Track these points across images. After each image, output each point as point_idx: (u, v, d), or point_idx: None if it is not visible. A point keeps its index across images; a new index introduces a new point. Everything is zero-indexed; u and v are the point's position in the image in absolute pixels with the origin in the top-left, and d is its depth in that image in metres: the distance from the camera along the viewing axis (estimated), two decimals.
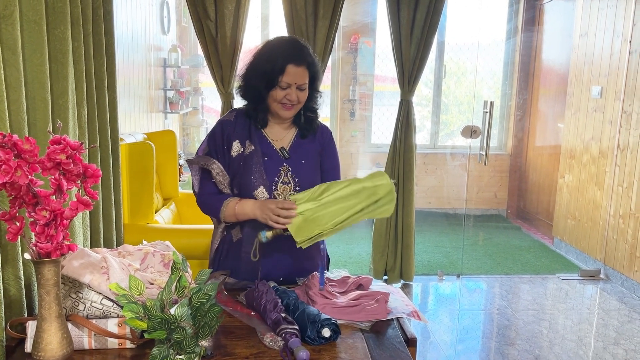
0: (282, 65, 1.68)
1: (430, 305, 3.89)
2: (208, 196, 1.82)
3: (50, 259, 1.13)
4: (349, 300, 1.58)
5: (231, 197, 1.77)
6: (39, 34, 1.57)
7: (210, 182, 1.81)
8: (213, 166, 1.78)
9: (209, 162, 1.78)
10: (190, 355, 1.20)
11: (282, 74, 1.68)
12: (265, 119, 1.81)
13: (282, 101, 1.72)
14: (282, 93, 1.71)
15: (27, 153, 1.08)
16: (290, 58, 1.69)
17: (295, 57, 1.69)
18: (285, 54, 1.69)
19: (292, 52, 1.70)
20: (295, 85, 1.71)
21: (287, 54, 1.69)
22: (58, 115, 1.73)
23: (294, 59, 1.69)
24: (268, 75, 1.70)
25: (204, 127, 5.94)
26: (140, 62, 4.34)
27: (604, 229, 4.42)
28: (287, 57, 1.69)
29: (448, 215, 6.20)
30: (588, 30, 4.68)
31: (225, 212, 1.76)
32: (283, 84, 1.70)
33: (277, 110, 1.76)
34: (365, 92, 5.96)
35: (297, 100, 1.73)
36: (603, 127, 4.46)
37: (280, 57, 1.69)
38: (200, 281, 1.27)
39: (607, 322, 3.57)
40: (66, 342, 1.18)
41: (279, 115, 1.77)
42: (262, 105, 1.78)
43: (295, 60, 1.69)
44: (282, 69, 1.68)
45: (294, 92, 1.71)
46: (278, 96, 1.72)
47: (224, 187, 1.80)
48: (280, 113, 1.76)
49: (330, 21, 3.47)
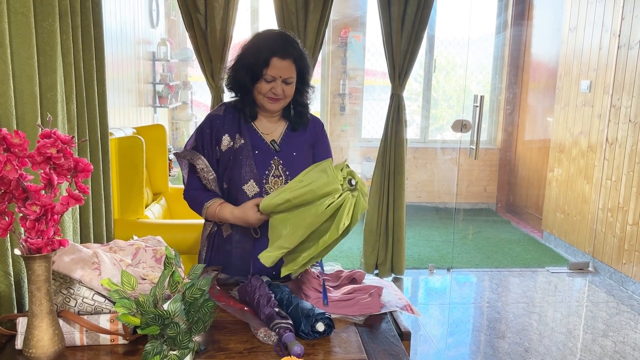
0: (267, 58, 1.67)
1: (420, 299, 3.91)
2: (194, 192, 1.82)
3: (41, 255, 1.12)
4: (342, 295, 1.58)
5: (215, 198, 1.77)
6: (26, 26, 1.55)
7: (196, 176, 1.80)
8: (198, 161, 1.77)
9: (195, 157, 1.77)
10: (184, 350, 1.19)
11: (266, 67, 1.67)
12: (254, 111, 1.80)
13: (267, 95, 1.71)
14: (268, 86, 1.70)
15: (16, 147, 1.06)
16: (276, 51, 1.67)
17: (280, 51, 1.67)
18: (270, 47, 1.68)
19: (278, 46, 1.68)
20: (281, 79, 1.69)
21: (273, 47, 1.68)
22: (47, 109, 1.71)
23: (279, 52, 1.67)
24: (253, 67, 1.69)
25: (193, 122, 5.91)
26: (129, 55, 4.30)
27: (592, 223, 4.46)
28: (273, 50, 1.67)
29: (438, 209, 6.22)
30: (577, 24, 4.70)
31: (207, 213, 1.77)
32: (268, 77, 1.68)
33: (262, 104, 1.74)
34: (355, 86, 5.95)
35: (283, 94, 1.72)
36: (592, 121, 4.49)
37: (266, 50, 1.68)
38: (194, 276, 1.25)
39: (595, 314, 3.60)
40: (57, 339, 1.17)
41: (265, 108, 1.76)
42: (248, 97, 1.76)
43: (280, 54, 1.67)
44: (267, 62, 1.67)
45: (279, 85, 1.69)
46: (263, 89, 1.71)
47: (208, 183, 1.78)
48: (266, 106, 1.74)
49: (320, 15, 3.45)
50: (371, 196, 3.96)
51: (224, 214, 1.72)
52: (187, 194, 1.84)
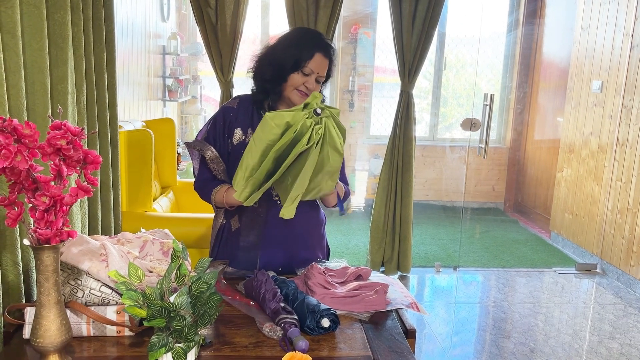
0: (313, 51, 1.71)
1: (426, 297, 3.90)
2: (203, 182, 1.82)
3: (50, 245, 1.12)
4: (348, 291, 1.58)
5: (223, 184, 1.76)
6: (38, 17, 1.55)
7: (207, 167, 1.80)
8: (208, 152, 1.77)
9: (205, 148, 1.78)
10: (190, 343, 1.19)
11: (310, 59, 1.71)
12: (276, 104, 1.80)
13: (299, 87, 1.73)
14: (302, 79, 1.72)
15: (27, 138, 1.07)
16: (321, 47, 1.73)
17: (324, 48, 1.74)
18: (316, 42, 1.74)
19: (323, 43, 1.75)
20: (316, 75, 1.73)
21: (318, 43, 1.74)
22: (57, 100, 1.72)
23: (323, 49, 1.73)
24: (296, 57, 1.71)
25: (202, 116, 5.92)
26: (140, 49, 4.31)
27: (601, 224, 4.43)
28: (319, 46, 1.73)
29: (446, 208, 6.21)
30: (590, 24, 4.66)
31: (216, 197, 1.76)
32: (307, 69, 1.71)
33: (291, 96, 1.75)
34: (364, 83, 5.94)
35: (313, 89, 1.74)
36: (603, 122, 4.46)
37: (312, 43, 1.73)
38: (200, 270, 1.26)
39: (602, 316, 3.58)
40: (65, 329, 1.18)
41: (292, 101, 1.76)
42: (277, 87, 1.76)
43: (324, 50, 1.73)
44: (312, 55, 1.71)
45: (312, 81, 1.73)
46: (297, 81, 1.72)
47: (218, 174, 1.79)
48: (294, 99, 1.75)
49: (331, 11, 3.45)
50: (379, 193, 3.96)
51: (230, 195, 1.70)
52: (197, 184, 1.84)
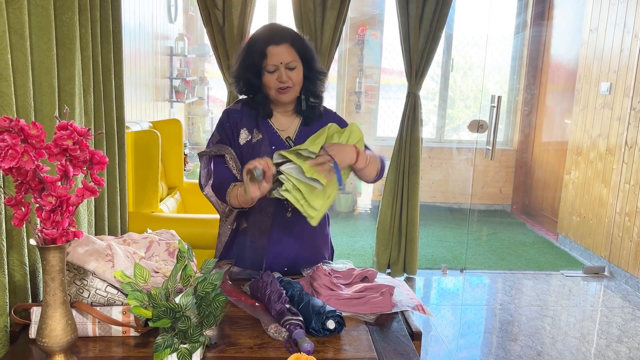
0: (262, 48, 1.67)
1: (433, 300, 3.89)
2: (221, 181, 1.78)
3: (56, 245, 1.13)
4: (353, 293, 1.57)
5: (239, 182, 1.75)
6: (46, 18, 1.56)
7: (221, 166, 1.79)
8: (227, 151, 1.77)
9: (223, 148, 1.77)
10: (195, 344, 1.19)
11: (264, 57, 1.67)
12: (268, 109, 1.79)
13: (276, 87, 1.70)
14: (273, 77, 1.69)
15: (34, 138, 1.07)
16: (269, 40, 1.68)
17: (273, 38, 1.68)
18: (263, 38, 1.69)
19: (270, 34, 1.70)
20: (283, 65, 1.68)
21: (265, 37, 1.69)
22: (64, 101, 1.72)
23: (272, 40, 1.68)
24: (253, 64, 1.69)
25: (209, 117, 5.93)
26: (147, 50, 4.32)
27: (609, 227, 4.40)
28: (266, 40, 1.68)
29: (452, 210, 6.19)
30: (598, 25, 4.64)
31: (231, 192, 1.70)
32: (269, 67, 1.68)
33: (275, 97, 1.74)
34: (371, 84, 5.93)
35: (291, 81, 1.70)
36: (611, 124, 4.43)
37: (259, 42, 1.69)
38: (206, 270, 1.26)
39: (610, 319, 3.56)
40: (70, 329, 1.18)
41: (279, 101, 1.75)
42: (259, 96, 1.76)
43: (273, 41, 1.67)
44: (264, 53, 1.67)
45: (283, 72, 1.68)
46: (270, 82, 1.70)
47: (237, 174, 1.78)
48: (279, 98, 1.73)
49: (338, 12, 3.44)
50: (385, 195, 3.95)
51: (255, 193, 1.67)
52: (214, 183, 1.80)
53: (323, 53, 3.47)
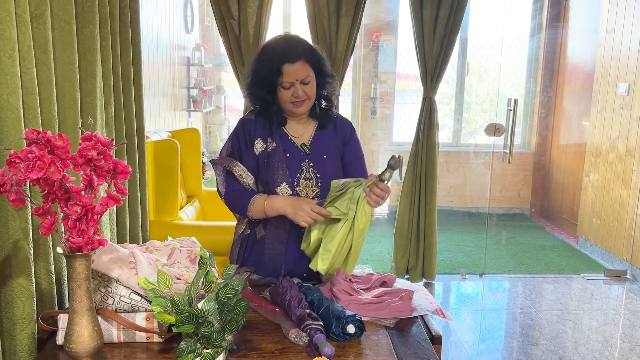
0: (278, 67, 1.67)
1: (452, 304, 3.87)
2: (234, 193, 1.82)
3: (82, 253, 1.16)
4: (373, 297, 1.58)
5: (258, 194, 1.77)
6: (69, 33, 1.60)
7: (235, 179, 1.83)
8: (235, 168, 1.79)
9: (232, 164, 1.79)
10: (217, 349, 1.21)
11: (280, 75, 1.68)
12: (282, 118, 1.81)
13: (291, 100, 1.72)
14: (288, 93, 1.71)
15: (60, 149, 1.10)
16: (284, 58, 1.68)
17: (288, 56, 1.68)
18: (279, 55, 1.68)
19: (285, 52, 1.69)
20: (298, 82, 1.69)
21: (280, 54, 1.68)
22: (87, 112, 1.76)
23: (288, 57, 1.68)
24: (268, 80, 1.70)
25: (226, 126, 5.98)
26: (165, 60, 4.39)
27: (630, 229, 4.34)
28: (281, 58, 1.68)
29: (471, 214, 6.15)
30: (615, 26, 4.60)
31: (253, 208, 1.75)
32: (285, 84, 1.69)
33: (289, 110, 1.76)
34: (386, 90, 5.93)
35: (306, 95, 1.72)
36: (630, 125, 4.38)
37: (275, 60, 1.68)
38: (227, 276, 1.28)
39: (633, 323, 3.51)
40: (97, 335, 1.21)
41: (293, 114, 1.78)
42: (273, 107, 1.78)
43: (289, 59, 1.67)
44: (280, 71, 1.68)
45: (299, 88, 1.70)
46: (285, 97, 1.72)
47: (248, 187, 1.81)
48: (294, 111, 1.76)
49: (352, 19, 3.47)
50: (402, 200, 3.95)
51: (275, 202, 1.71)
52: (227, 197, 1.83)
53: (338, 60, 3.50)
